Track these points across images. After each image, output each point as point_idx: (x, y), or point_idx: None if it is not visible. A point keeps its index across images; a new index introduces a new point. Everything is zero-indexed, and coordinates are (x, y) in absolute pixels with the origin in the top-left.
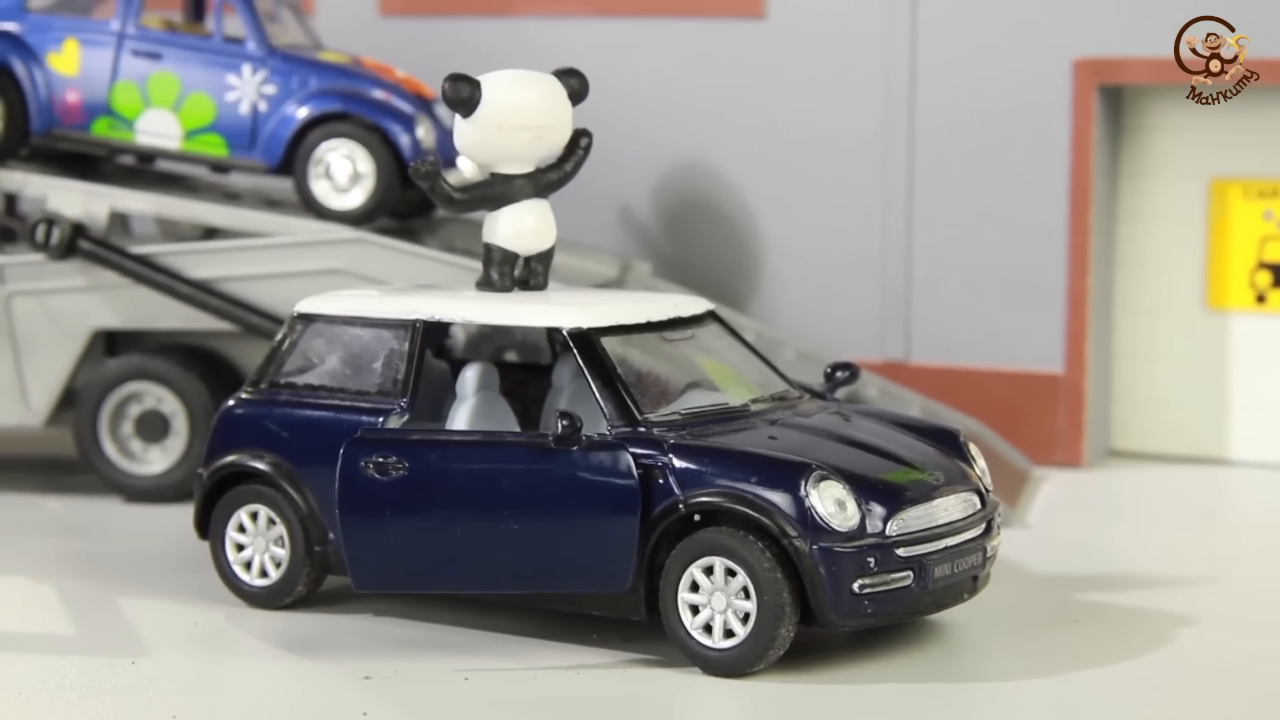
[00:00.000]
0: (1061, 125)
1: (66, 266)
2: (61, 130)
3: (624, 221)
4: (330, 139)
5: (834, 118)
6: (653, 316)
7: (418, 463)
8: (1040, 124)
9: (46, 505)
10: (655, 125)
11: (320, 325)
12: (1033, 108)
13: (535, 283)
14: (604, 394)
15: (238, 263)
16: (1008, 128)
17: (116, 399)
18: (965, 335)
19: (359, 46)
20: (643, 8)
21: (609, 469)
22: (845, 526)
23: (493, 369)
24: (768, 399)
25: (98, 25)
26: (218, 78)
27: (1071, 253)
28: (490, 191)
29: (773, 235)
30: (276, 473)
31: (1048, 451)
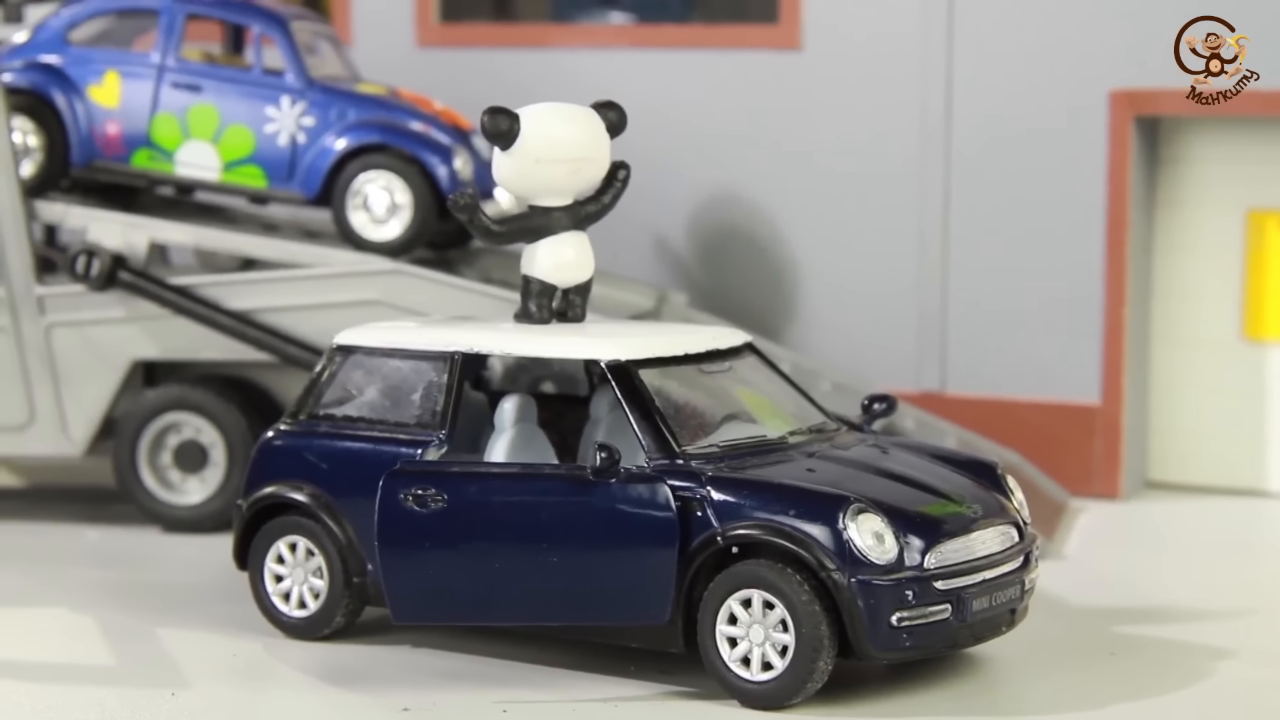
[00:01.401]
0: (1098, 156)
1: (106, 297)
2: (102, 162)
3: (660, 252)
4: (368, 170)
5: (870, 149)
6: (690, 349)
7: (457, 495)
8: (1077, 155)
9: (86, 535)
10: (691, 156)
11: (359, 357)
12: (1069, 139)
13: (573, 314)
14: (642, 426)
15: (276, 294)
16: (1044, 159)
17: (155, 429)
18: (1001, 366)
19: (396, 78)
20: (679, 40)
21: (647, 501)
22: (883, 559)
23: (531, 401)
24: (805, 431)
25: (138, 58)
26: (257, 110)
27: (1108, 284)
28: (529, 224)
29: (808, 266)
30: (315, 504)
31: (1084, 483)
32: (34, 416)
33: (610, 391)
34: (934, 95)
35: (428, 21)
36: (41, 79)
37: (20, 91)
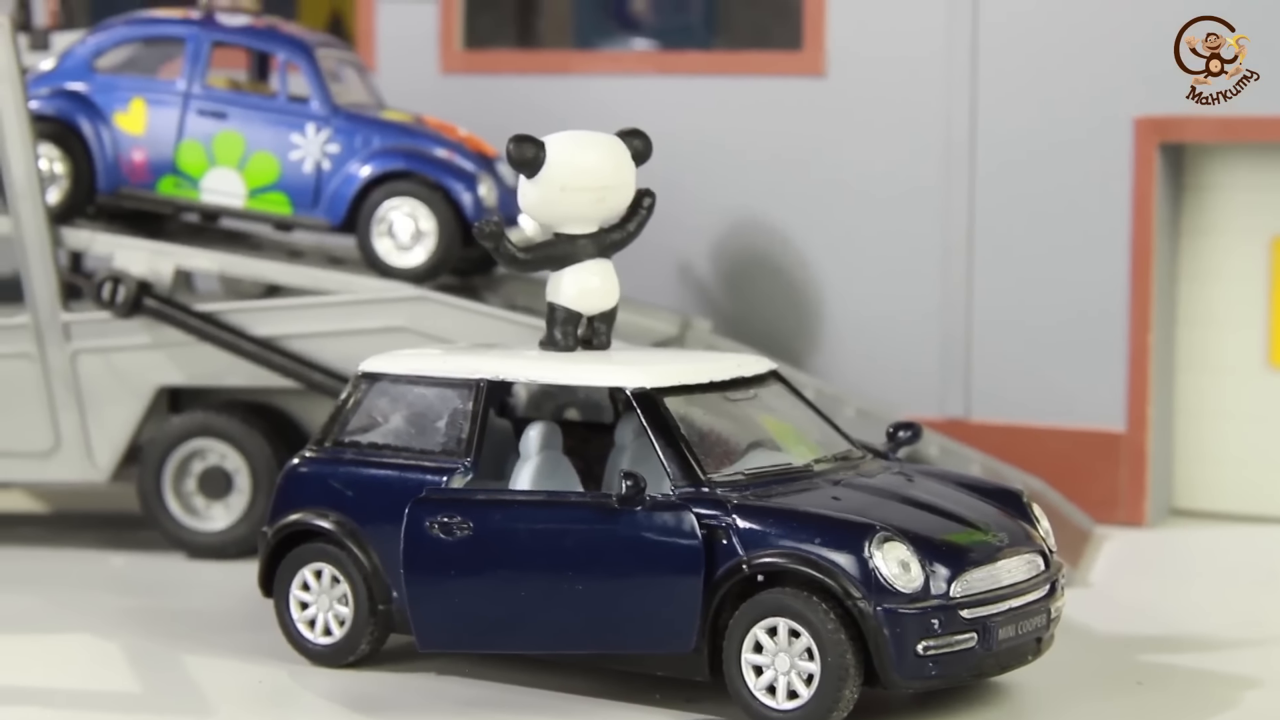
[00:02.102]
0: (1122, 183)
1: (131, 324)
2: (128, 189)
3: (684, 278)
4: (393, 197)
5: (894, 176)
6: (716, 376)
7: (482, 523)
8: (1101, 181)
9: (110, 561)
10: (715, 182)
11: (384, 384)
12: (1093, 165)
13: (598, 342)
14: (667, 454)
15: (301, 320)
16: (1068, 186)
17: (180, 455)
18: (1026, 393)
19: (420, 105)
20: (703, 66)
21: (673, 529)
22: (909, 588)
23: (556, 428)
24: (830, 459)
25: (164, 85)
26: (282, 137)
27: (1133, 310)
28: (554, 252)
29: (833, 292)
30: (341, 531)
31: (1109, 510)
32: (59, 443)
33: (635, 419)
34: (958, 122)
35: (451, 48)
36: (68, 106)
37: (47, 119)
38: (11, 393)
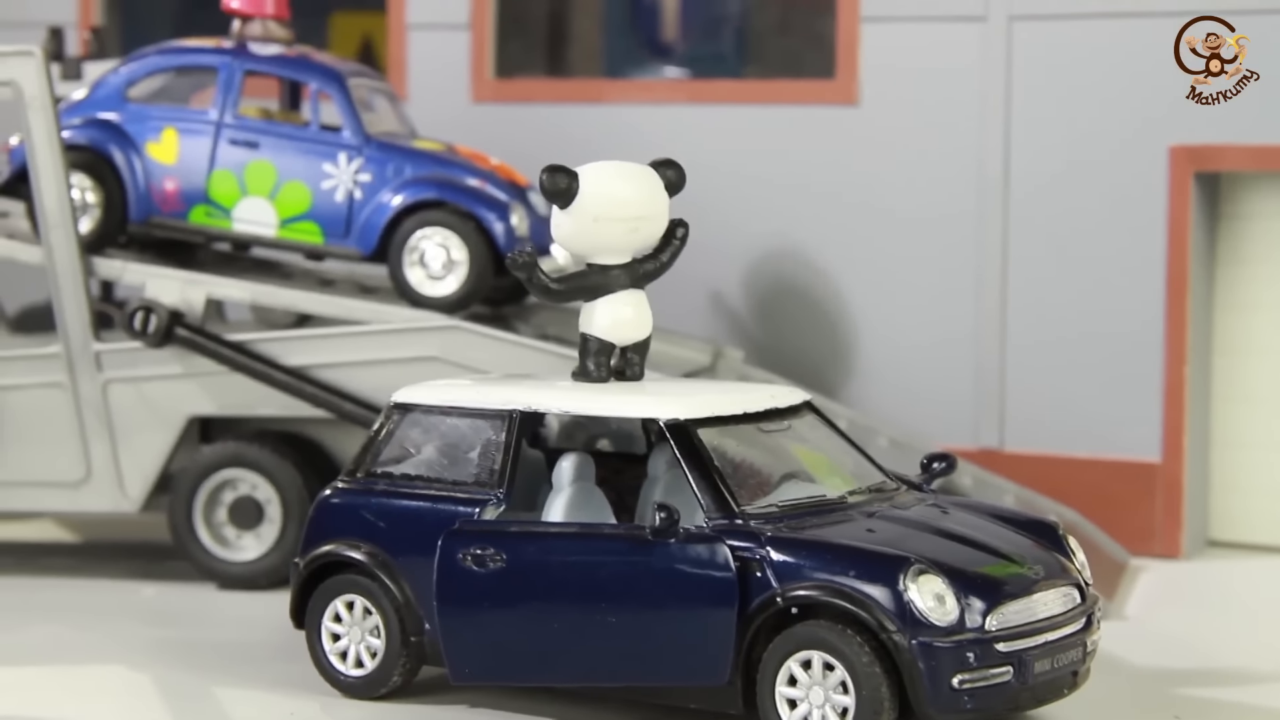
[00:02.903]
0: (1158, 212)
1: (163, 353)
2: (159, 218)
3: (716, 307)
4: (424, 227)
5: (927, 204)
6: (749, 407)
7: (515, 555)
8: (1137, 211)
9: (141, 591)
10: (747, 211)
11: (417, 415)
12: (1129, 194)
13: (631, 373)
14: (701, 486)
15: (332, 350)
16: (1103, 214)
17: (211, 485)
18: (1060, 423)
19: (451, 134)
20: (735, 95)
21: (707, 561)
22: (944, 621)
23: (589, 459)
24: (864, 490)
25: (196, 114)
26: (314, 166)
27: (1169, 340)
28: (587, 282)
29: (865, 321)
30: (373, 562)
31: (1145, 542)
32: (90, 472)
33: (668, 450)
34: (992, 151)
35: (483, 77)
36: (100, 136)
37: (79, 148)
38: (43, 422)
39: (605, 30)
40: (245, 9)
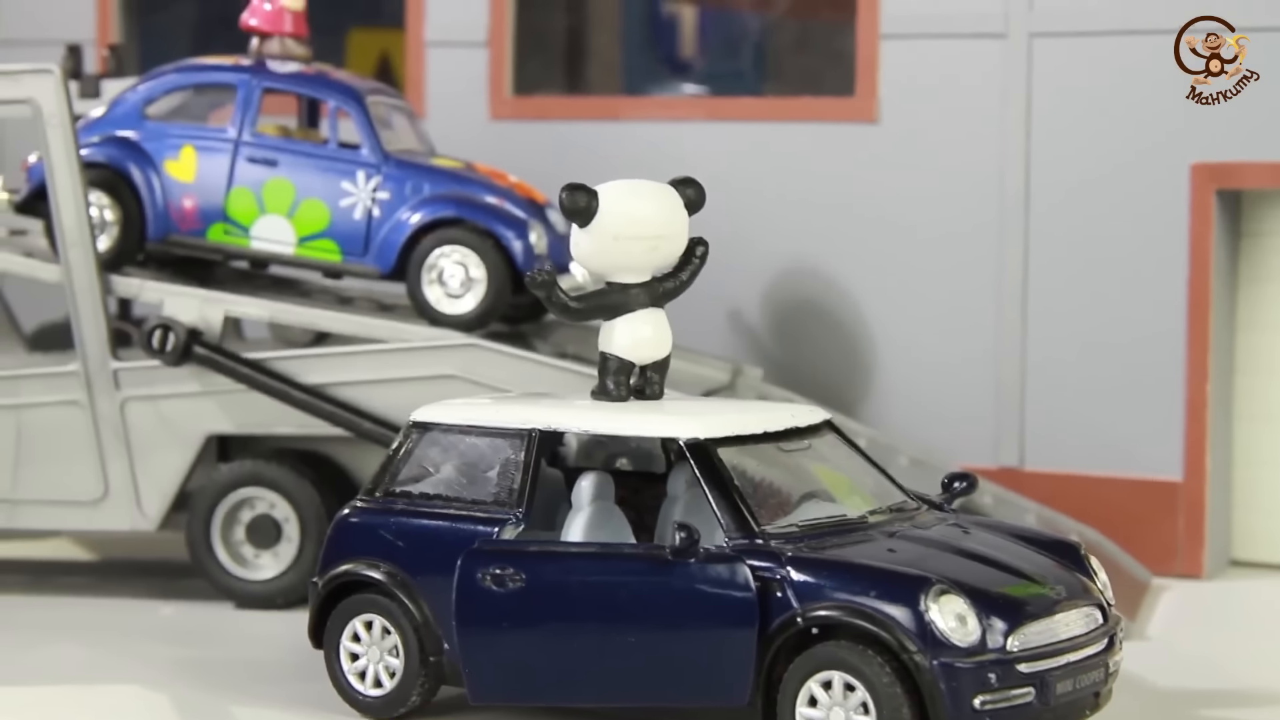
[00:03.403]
0: (1179, 230)
1: (180, 371)
2: (178, 236)
3: (735, 325)
4: (443, 245)
5: (947, 222)
6: (769, 427)
7: (535, 574)
8: (1158, 228)
9: (159, 610)
10: (766, 229)
11: (436, 434)
12: (1150, 212)
13: (651, 391)
14: (721, 505)
15: (351, 368)
16: (1124, 232)
17: (229, 504)
18: (1081, 442)
19: (469, 151)
20: (753, 112)
21: (727, 581)
22: (966, 641)
23: (608, 479)
24: (885, 510)
25: (214, 132)
26: (332, 184)
27: (1190, 358)
28: (606, 301)
29: (885, 339)
30: (391, 582)
31: (1167, 561)
32: (108, 491)
33: (688, 469)
34: (1012, 168)
35: (501, 95)
36: (118, 153)
37: (97, 166)
38: (61, 441)
39: (624, 47)
40: (264, 27)
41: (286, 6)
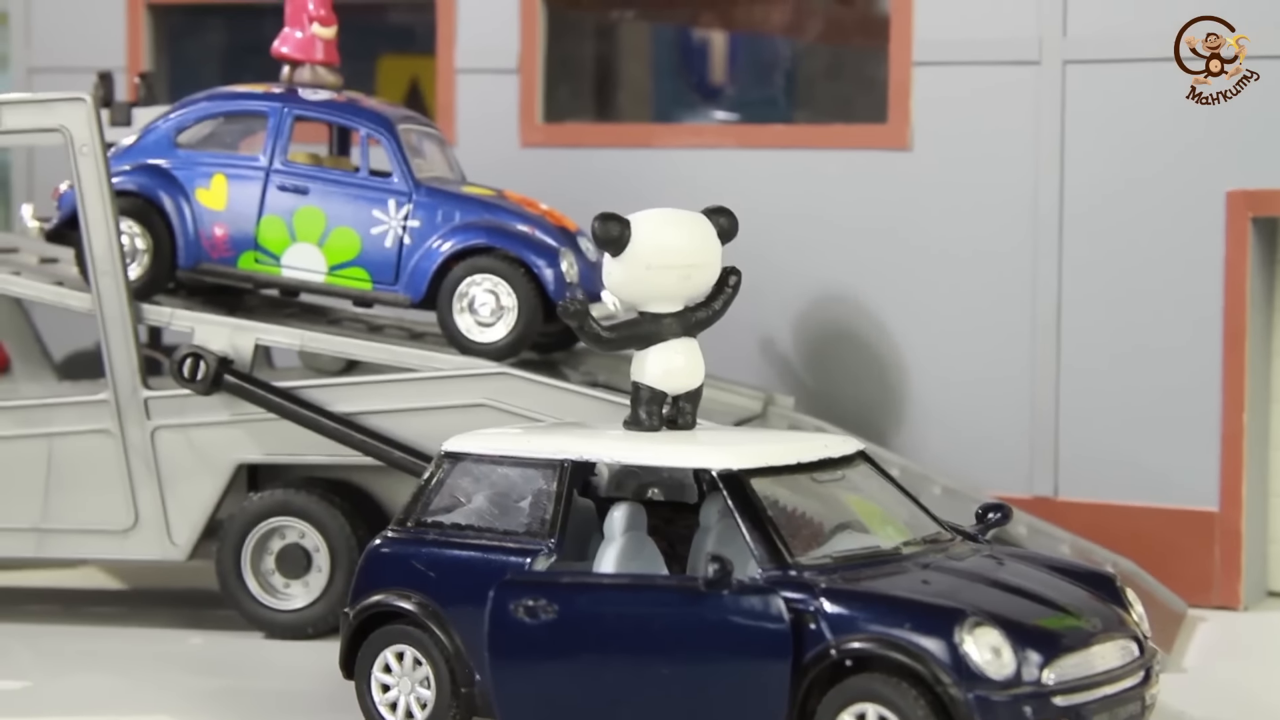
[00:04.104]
0: (1214, 257)
1: (211, 400)
2: (208, 264)
3: (766, 353)
4: (474, 273)
5: (980, 250)
6: (803, 457)
7: (567, 606)
8: (1193, 256)
9: (189, 640)
10: (798, 256)
11: (467, 464)
12: (1185, 239)
13: (683, 421)
14: (754, 536)
15: (381, 397)
16: (1159, 260)
17: (259, 533)
18: (1116, 471)
19: (500, 178)
20: (785, 140)
21: (760, 613)
22: (1001, 674)
23: (640, 509)
24: (919, 541)
25: (245, 160)
26: (363, 212)
27: (1226, 387)
28: (639, 331)
29: (917, 368)
30: (423, 613)
31: (1203, 592)
32: (138, 520)
33: (720, 499)
34: (1046, 196)
35: (531, 122)
36: (149, 182)
37: (128, 194)
38: (91, 470)
39: (654, 74)
40: (295, 55)
41: (318, 34)
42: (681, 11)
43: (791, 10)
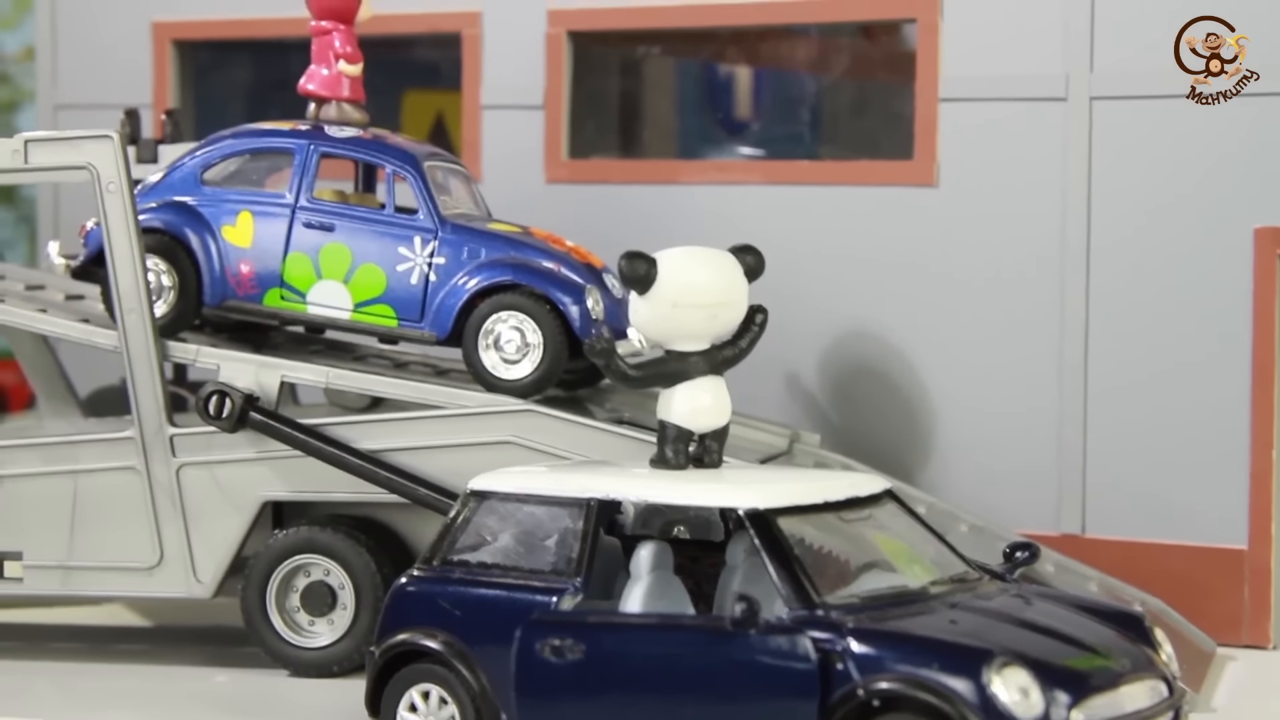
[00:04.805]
0: (1242, 294)
1: (236, 437)
2: (234, 301)
3: (792, 390)
4: (500, 310)
5: (1007, 287)
6: (830, 496)
7: (594, 645)
8: (1221, 292)
9: (213, 678)
10: (823, 293)
11: (494, 502)
12: (1213, 276)
13: (710, 460)
14: (781, 576)
15: (406, 434)
16: (1187, 296)
17: (284, 570)
18: (1143, 508)
19: (525, 214)
20: (811, 176)
21: (787, 653)
22: (1029, 715)
23: (666, 548)
24: (946, 581)
25: (271, 197)
26: (389, 249)
27: (1255, 423)
28: (665, 369)
29: (944, 404)
30: (449, 652)
31: (1232, 631)
32: (163, 558)
33: (747, 539)
34: (1073, 232)
35: (557, 158)
36: (176, 219)
37: (155, 231)
38: (116, 507)
39: (680, 110)
40: (321, 92)
41: (345, 72)
42: (707, 47)
43: (817, 46)
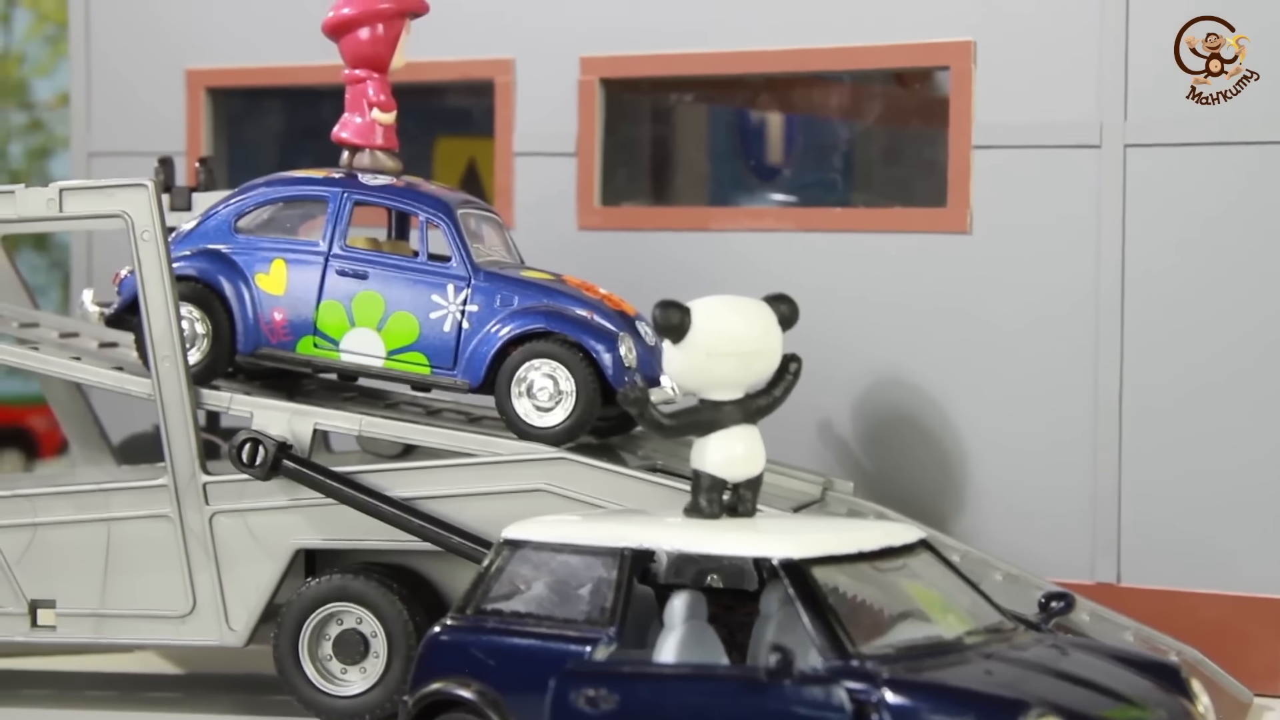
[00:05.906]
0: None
1: (269, 485)
2: (267, 349)
3: (825, 437)
4: (533, 358)
5: (1042, 333)
6: (864, 546)
7: (628, 696)
8: (1258, 338)
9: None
10: (856, 339)
11: (527, 552)
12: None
13: (744, 509)
14: (816, 626)
15: (439, 482)
16: (1223, 344)
17: (317, 619)
18: (1180, 556)
19: (557, 261)
20: (843, 223)
21: (822, 704)
22: None
23: (701, 597)
24: (981, 631)
25: (305, 245)
26: (422, 296)
27: None
28: (699, 418)
29: (977, 452)
30: (483, 701)
31: (1270, 681)
32: (196, 605)
33: (782, 588)
34: (1107, 280)
35: (590, 205)
36: (209, 267)
37: (188, 279)
38: (149, 555)
39: (712, 157)
40: (355, 140)
41: (378, 120)
42: (739, 94)
43: (850, 92)
